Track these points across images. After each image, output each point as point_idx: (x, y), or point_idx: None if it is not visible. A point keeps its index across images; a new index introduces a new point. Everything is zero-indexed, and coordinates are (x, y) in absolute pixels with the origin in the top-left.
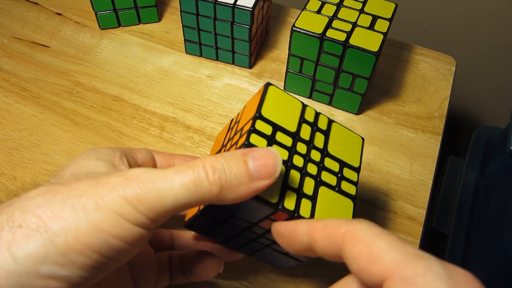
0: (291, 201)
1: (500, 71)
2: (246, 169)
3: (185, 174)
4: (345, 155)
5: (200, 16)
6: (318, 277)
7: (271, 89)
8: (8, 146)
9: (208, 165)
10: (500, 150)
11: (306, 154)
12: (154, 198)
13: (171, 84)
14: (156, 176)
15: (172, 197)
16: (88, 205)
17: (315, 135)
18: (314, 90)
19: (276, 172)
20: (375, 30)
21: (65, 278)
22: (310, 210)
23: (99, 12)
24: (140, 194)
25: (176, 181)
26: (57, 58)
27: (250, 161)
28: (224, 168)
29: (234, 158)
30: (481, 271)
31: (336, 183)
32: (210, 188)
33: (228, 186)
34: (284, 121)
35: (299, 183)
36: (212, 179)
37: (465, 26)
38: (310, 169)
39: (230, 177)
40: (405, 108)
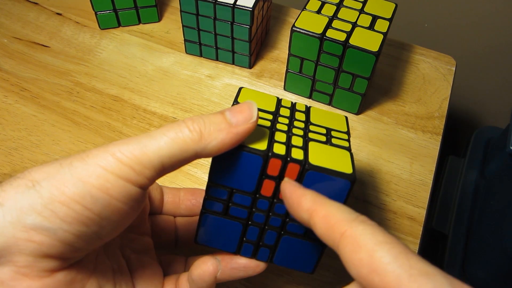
0: (280, 148)
1: (500, 71)
2: (223, 117)
3: (166, 130)
4: (330, 125)
5: (200, 16)
6: (318, 277)
7: (244, 90)
8: (8, 146)
9: (187, 120)
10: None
11: (289, 123)
12: (137, 149)
13: (171, 84)
14: (141, 135)
15: (155, 147)
16: (75, 161)
17: (295, 114)
18: (314, 90)
19: (253, 115)
20: (375, 30)
21: (50, 231)
22: (303, 154)
23: (99, 12)
24: (124, 147)
25: (159, 133)
26: (57, 58)
27: (227, 111)
28: (203, 119)
29: (212, 114)
30: (481, 271)
31: (326, 140)
32: (191, 135)
33: (209, 132)
34: (262, 104)
35: (286, 140)
36: (192, 127)
37: (465, 26)
38: (296, 131)
39: (209, 124)
40: (405, 108)
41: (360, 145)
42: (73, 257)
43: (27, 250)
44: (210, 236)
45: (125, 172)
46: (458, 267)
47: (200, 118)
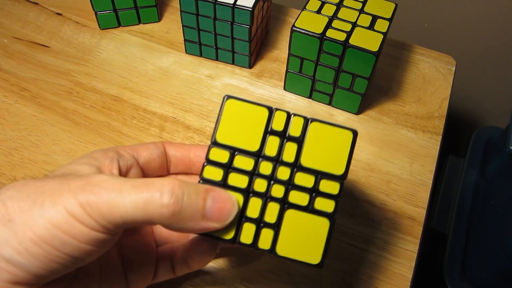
0: (248, 233)
1: (500, 71)
2: (202, 206)
3: (140, 191)
4: (325, 162)
5: (200, 16)
6: (318, 277)
7: (230, 103)
8: (8, 146)
9: (167, 189)
10: (500, 150)
11: (271, 175)
12: (105, 207)
13: (171, 84)
14: (114, 186)
15: (121, 210)
16: (46, 202)
17: (285, 147)
18: (314, 90)
19: (228, 219)
20: (375, 30)
21: (22, 266)
22: (271, 240)
23: (99, 12)
24: (92, 201)
25: (129, 196)
26: (57, 58)
27: (209, 200)
28: (184, 196)
29: (196, 191)
30: (481, 271)
31: (308, 202)
32: (161, 210)
33: (181, 216)
34: (244, 139)
35: (260, 211)
36: (166, 202)
37: (465, 26)
38: (276, 192)
39: (186, 208)
40: (405, 108)
41: (360, 145)
42: (43, 282)
43: (2, 277)
44: None
45: (89, 223)
46: (458, 267)
47: (183, 193)
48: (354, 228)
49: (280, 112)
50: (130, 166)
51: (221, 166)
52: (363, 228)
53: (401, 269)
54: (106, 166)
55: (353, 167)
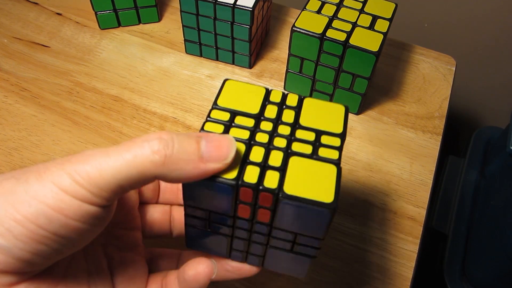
0: (252, 174)
1: (500, 71)
2: (196, 147)
3: (127, 147)
4: (323, 124)
5: (200, 16)
6: (318, 277)
7: (229, 82)
8: (8, 146)
9: (154, 136)
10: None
11: (272, 130)
12: (95, 172)
13: (171, 84)
14: (100, 152)
15: (112, 171)
16: (31, 177)
17: (283, 112)
18: (314, 90)
19: (228, 157)
20: (375, 30)
21: (5, 249)
22: (278, 180)
23: (99, 12)
24: (81, 169)
25: (117, 155)
26: (57, 58)
27: (203, 141)
28: (173, 140)
29: (187, 136)
30: (481, 271)
31: (312, 151)
32: (152, 157)
33: (175, 159)
34: (245, 105)
35: (264, 157)
36: (156, 148)
37: (465, 26)
38: (278, 143)
39: (178, 150)
40: (405, 108)
41: (360, 145)
42: (33, 271)
43: None
44: (199, 244)
45: (80, 193)
46: (458, 267)
47: (171, 138)
48: (354, 228)
49: (276, 91)
50: None
51: (221, 122)
52: (363, 228)
53: (401, 269)
54: None
55: (353, 167)
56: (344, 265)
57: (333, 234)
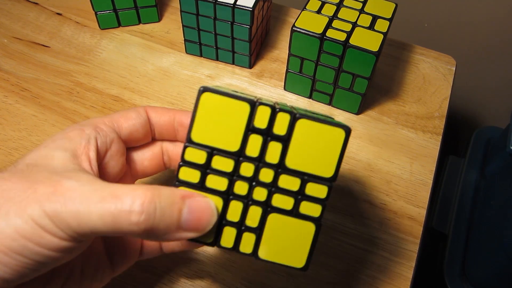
0: (229, 237)
1: (500, 71)
2: (178, 219)
3: (107, 205)
4: (313, 163)
5: (200, 16)
6: (318, 277)
7: (205, 96)
8: (9, 146)
9: (137, 204)
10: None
11: (252, 177)
12: (72, 219)
13: (171, 84)
14: (82, 196)
15: (88, 223)
16: (12, 211)
17: (268, 146)
18: (314, 90)
19: (205, 229)
20: (375, 30)
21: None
22: (253, 244)
23: (99, 12)
24: (60, 212)
25: (95, 210)
26: (57, 58)
27: (186, 210)
28: (156, 212)
29: (170, 202)
30: (481, 271)
31: (293, 206)
32: (130, 227)
33: (154, 231)
34: (223, 138)
35: (241, 215)
36: (136, 220)
37: (465, 26)
38: (258, 195)
39: (158, 223)
40: (405, 108)
41: (360, 145)
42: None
43: None
44: None
45: (59, 235)
46: (458, 267)
47: (154, 207)
48: (354, 228)
49: (263, 108)
50: (110, 142)
51: (198, 167)
52: (363, 228)
53: (401, 269)
54: (82, 149)
55: (353, 167)
56: (344, 265)
57: (333, 234)
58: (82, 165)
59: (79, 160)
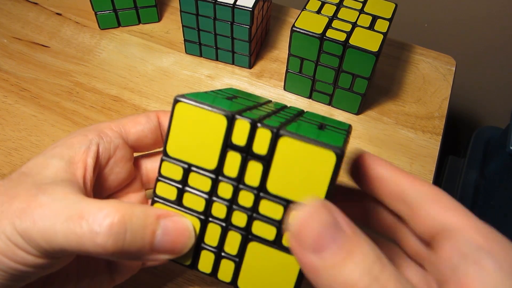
0: (207, 261)
1: (500, 71)
2: (150, 241)
3: (72, 226)
4: (298, 189)
5: (200, 16)
6: None
7: (180, 107)
8: (8, 146)
9: (105, 224)
10: (500, 150)
11: (231, 199)
12: (40, 238)
13: (171, 84)
14: (51, 214)
15: (56, 242)
16: None
17: (248, 165)
18: (314, 90)
19: (182, 251)
20: (375, 30)
21: None
22: (232, 272)
23: (99, 12)
24: (29, 230)
25: (62, 229)
26: (57, 58)
27: (160, 232)
28: (126, 234)
29: (143, 224)
30: None
31: (275, 237)
32: (95, 249)
33: (124, 253)
34: (200, 153)
35: (220, 240)
36: (101, 242)
37: (465, 26)
38: (237, 220)
39: (128, 246)
40: (405, 108)
41: (360, 145)
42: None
43: None
44: None
45: (32, 252)
46: None
47: (124, 230)
48: None
49: (242, 122)
50: (115, 148)
51: (175, 182)
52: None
53: None
54: (80, 156)
55: None
56: None
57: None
58: (76, 173)
59: (74, 168)
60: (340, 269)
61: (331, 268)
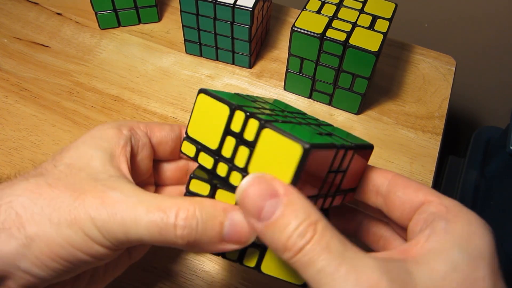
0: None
1: (500, 71)
2: (219, 232)
3: (155, 216)
4: (272, 173)
5: (200, 16)
6: None
7: (201, 98)
8: (8, 146)
9: (181, 216)
10: (500, 150)
11: (226, 176)
12: (120, 231)
13: (171, 84)
14: (129, 208)
15: (136, 234)
16: (62, 220)
17: (238, 149)
18: (314, 90)
19: (247, 242)
20: (375, 30)
21: (39, 275)
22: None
23: (99, 12)
24: (108, 223)
25: (143, 222)
26: (57, 58)
27: (227, 224)
28: (198, 225)
29: (213, 216)
30: None
31: None
32: (175, 240)
33: (197, 243)
34: (208, 135)
35: None
36: (180, 233)
37: (465, 26)
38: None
39: (201, 236)
40: (405, 108)
41: None
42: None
43: (18, 283)
44: None
45: (106, 245)
46: None
47: (196, 221)
48: None
49: (239, 113)
50: (142, 146)
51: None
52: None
53: None
54: (120, 150)
55: None
56: None
57: None
58: (120, 167)
59: (117, 162)
60: (276, 231)
61: (270, 230)
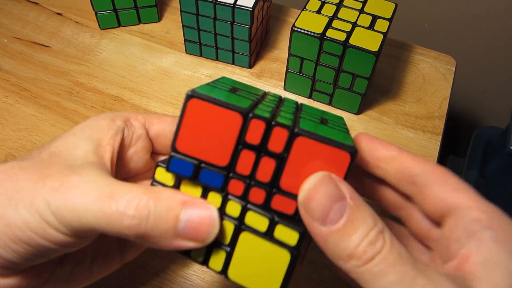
0: (199, 250)
1: (500, 71)
2: (173, 226)
3: (103, 204)
4: None
5: (200, 16)
6: (318, 277)
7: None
8: (8, 146)
9: (132, 206)
10: (500, 150)
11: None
12: (71, 217)
13: (171, 84)
14: (84, 194)
15: (86, 222)
16: (21, 202)
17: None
18: (314, 90)
19: (205, 241)
20: (375, 30)
21: (5, 257)
22: (223, 261)
23: (99, 12)
24: (61, 208)
25: (92, 209)
26: (57, 58)
27: (183, 218)
28: (149, 217)
29: (167, 208)
30: None
31: (267, 228)
32: (123, 230)
33: (146, 236)
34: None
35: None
36: (127, 223)
37: (465, 26)
38: (231, 210)
39: (151, 230)
40: (405, 108)
41: None
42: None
43: None
44: None
45: (62, 231)
46: None
47: (148, 211)
48: None
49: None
50: (137, 138)
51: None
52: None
53: None
54: (108, 139)
55: None
56: None
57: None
58: (104, 156)
59: (102, 151)
60: (343, 237)
61: (336, 236)
